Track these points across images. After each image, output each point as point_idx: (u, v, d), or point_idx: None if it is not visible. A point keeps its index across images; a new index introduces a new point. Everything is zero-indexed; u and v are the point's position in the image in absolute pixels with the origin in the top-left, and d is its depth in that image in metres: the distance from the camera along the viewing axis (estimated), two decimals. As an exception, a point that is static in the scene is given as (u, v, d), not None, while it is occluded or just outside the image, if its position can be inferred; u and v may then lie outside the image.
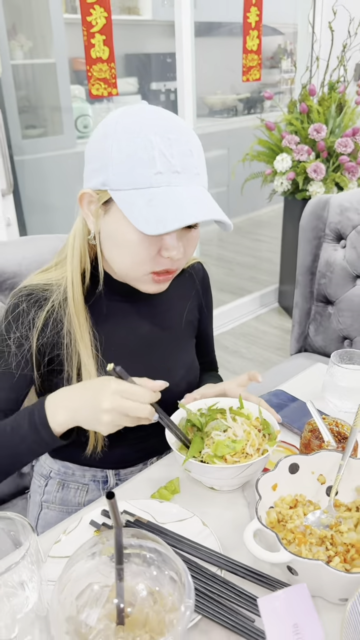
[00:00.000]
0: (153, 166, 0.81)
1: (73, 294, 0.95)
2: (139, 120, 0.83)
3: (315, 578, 0.67)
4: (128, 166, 0.81)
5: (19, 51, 3.21)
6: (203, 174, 0.87)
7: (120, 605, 0.53)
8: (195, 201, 0.82)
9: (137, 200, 0.82)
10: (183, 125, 0.85)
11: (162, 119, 0.84)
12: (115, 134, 0.82)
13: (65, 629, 0.53)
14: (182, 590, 0.55)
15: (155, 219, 0.80)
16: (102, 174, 0.85)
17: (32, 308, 0.95)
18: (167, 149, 0.81)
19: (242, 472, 0.84)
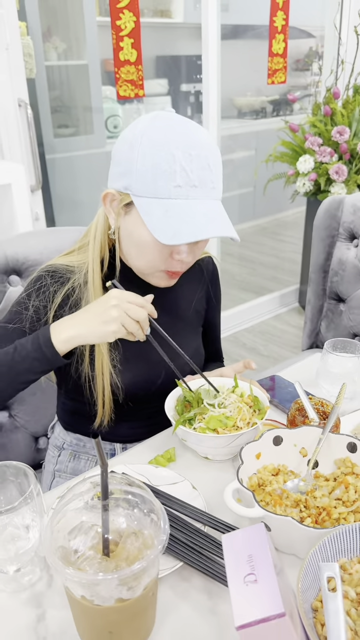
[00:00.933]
0: (173, 179, 0.88)
1: (93, 278, 1.04)
2: (164, 134, 0.89)
3: (287, 534, 0.74)
4: (150, 176, 0.89)
5: (53, 53, 3.32)
6: (218, 187, 0.94)
7: (105, 535, 0.62)
8: (208, 217, 0.90)
9: (156, 210, 0.90)
10: (205, 140, 0.92)
11: (186, 133, 0.90)
12: (142, 145, 0.90)
13: (57, 555, 0.61)
14: (158, 529, 0.63)
15: (171, 230, 0.89)
16: (126, 178, 0.93)
17: (53, 283, 1.05)
18: (188, 164, 0.88)
19: (232, 441, 0.91)
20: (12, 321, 1.04)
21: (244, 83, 4.78)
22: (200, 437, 0.92)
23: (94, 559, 0.62)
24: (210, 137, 0.95)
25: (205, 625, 0.70)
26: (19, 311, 1.05)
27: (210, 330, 1.31)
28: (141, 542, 0.64)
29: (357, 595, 0.66)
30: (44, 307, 1.05)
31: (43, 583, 0.77)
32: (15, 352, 0.94)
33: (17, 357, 0.93)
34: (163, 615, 0.71)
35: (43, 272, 1.06)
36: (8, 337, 1.03)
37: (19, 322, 1.04)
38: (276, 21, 2.95)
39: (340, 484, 0.83)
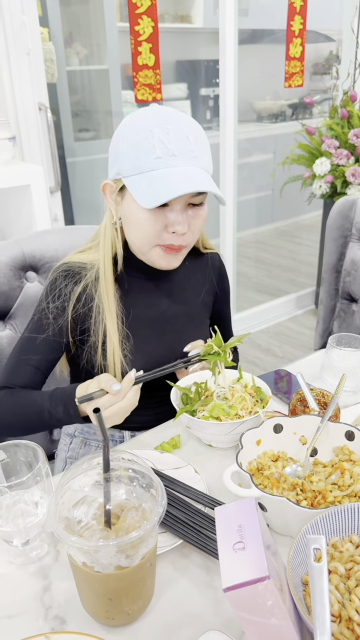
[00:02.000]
0: (153, 152, 0.96)
1: (105, 274, 1.10)
2: (142, 118, 0.98)
3: (282, 514, 0.77)
4: (134, 155, 0.97)
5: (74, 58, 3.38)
6: (202, 157, 1.00)
7: (107, 507, 0.66)
8: (189, 178, 0.96)
9: (141, 182, 0.97)
10: (182, 117, 0.99)
11: (162, 114, 0.98)
12: (125, 132, 0.98)
13: (62, 525, 0.65)
14: (156, 503, 0.67)
15: (154, 195, 0.95)
16: (116, 165, 1.01)
17: (68, 284, 1.11)
18: (165, 136, 0.96)
19: (234, 429, 0.95)
20: (37, 331, 1.11)
21: (263, 87, 4.81)
22: (204, 424, 0.96)
23: (95, 529, 0.66)
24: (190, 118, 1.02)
25: (202, 598, 0.74)
26: (40, 319, 1.11)
27: (220, 323, 1.35)
28: (141, 515, 0.68)
29: (346, 570, 0.69)
30: (62, 309, 1.10)
31: (50, 557, 0.81)
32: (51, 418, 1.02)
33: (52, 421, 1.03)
34: (163, 588, 0.75)
35: (57, 274, 1.12)
36: (36, 349, 1.10)
37: (43, 331, 1.10)
38: (293, 25, 2.98)
39: (337, 469, 0.85)
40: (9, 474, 0.82)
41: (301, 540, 0.69)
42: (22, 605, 0.74)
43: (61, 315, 1.11)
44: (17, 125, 2.15)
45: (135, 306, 1.15)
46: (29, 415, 1.05)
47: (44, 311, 1.11)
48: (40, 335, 1.10)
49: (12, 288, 1.36)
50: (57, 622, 0.72)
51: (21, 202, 1.99)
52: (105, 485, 0.65)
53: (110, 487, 0.65)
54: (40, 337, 1.10)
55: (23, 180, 1.90)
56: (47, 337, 1.11)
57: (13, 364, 1.11)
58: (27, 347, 1.11)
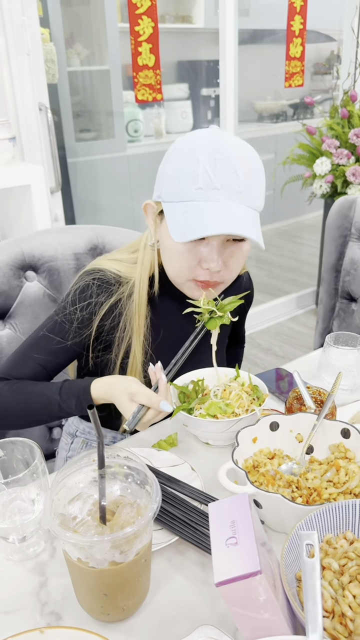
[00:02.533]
0: (195, 182, 0.90)
1: (140, 295, 1.06)
2: (192, 142, 0.93)
3: (277, 511, 0.78)
4: (175, 181, 0.92)
5: (75, 58, 3.39)
6: (250, 193, 0.92)
7: (102, 502, 0.66)
8: (226, 217, 0.89)
9: (177, 212, 0.92)
10: (236, 148, 0.92)
11: (214, 141, 0.91)
12: (172, 155, 0.94)
13: (57, 521, 0.66)
14: (151, 499, 0.67)
15: (185, 229, 0.90)
16: (159, 186, 0.97)
17: (100, 294, 1.06)
18: (211, 167, 0.89)
19: (231, 426, 0.95)
20: (57, 333, 1.07)
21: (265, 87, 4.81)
22: (200, 422, 0.96)
23: (90, 525, 0.67)
24: (247, 147, 0.94)
25: (197, 594, 0.74)
26: (63, 324, 1.06)
27: (238, 325, 1.36)
28: (136, 512, 0.68)
29: (339, 567, 0.69)
30: (88, 319, 1.06)
31: (47, 554, 0.82)
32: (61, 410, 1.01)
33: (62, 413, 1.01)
34: (158, 584, 0.76)
35: (90, 279, 1.07)
36: (50, 350, 1.07)
37: (62, 336, 1.06)
38: (293, 25, 2.99)
39: (332, 467, 0.86)
40: (6, 471, 0.82)
41: (295, 536, 0.70)
42: (19, 601, 0.75)
43: (86, 326, 1.07)
44: (18, 125, 2.16)
45: (164, 329, 1.12)
46: (35, 404, 1.02)
47: (68, 316, 1.06)
48: (58, 338, 1.06)
49: (11, 287, 1.37)
50: (53, 618, 0.72)
51: (21, 202, 2.00)
52: (100, 482, 0.66)
53: (105, 483, 0.66)
54: (57, 340, 1.06)
55: (23, 180, 1.90)
56: (65, 343, 1.07)
57: (19, 357, 1.08)
58: (40, 346, 1.07)
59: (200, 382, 1.06)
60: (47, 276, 1.42)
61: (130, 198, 3.54)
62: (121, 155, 3.57)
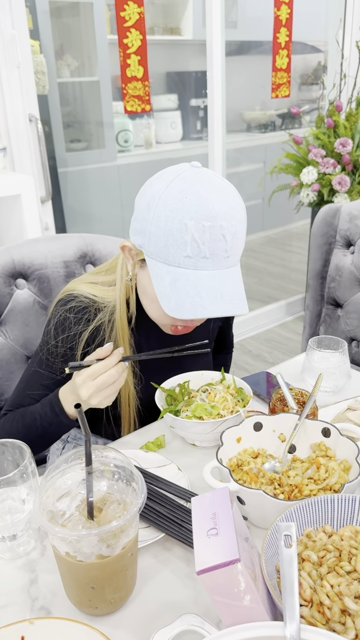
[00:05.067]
0: (184, 250, 0.89)
1: (120, 319, 1.08)
2: (180, 201, 0.88)
3: (260, 507, 0.81)
4: (162, 242, 0.90)
5: (65, 70, 3.44)
6: (235, 254, 0.94)
7: (90, 498, 0.69)
8: (214, 295, 0.90)
9: (165, 277, 0.91)
10: (221, 209, 0.89)
11: (202, 203, 0.88)
12: (157, 209, 0.90)
13: (46, 517, 0.68)
14: (136, 495, 0.70)
15: (174, 303, 0.90)
16: (142, 237, 0.95)
17: (77, 322, 1.08)
18: (200, 235, 0.88)
19: (216, 427, 0.98)
20: (44, 368, 1.10)
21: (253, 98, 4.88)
22: (186, 424, 0.99)
23: (78, 520, 0.69)
24: (232, 200, 0.92)
25: (183, 587, 0.77)
26: (48, 360, 1.09)
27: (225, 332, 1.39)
28: (123, 508, 0.71)
29: (318, 558, 0.72)
30: (70, 349, 1.08)
31: (37, 552, 0.84)
32: (43, 420, 1.05)
33: (44, 423, 1.05)
34: (145, 579, 0.78)
35: (65, 310, 1.08)
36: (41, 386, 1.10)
37: (50, 370, 1.09)
38: (279, 37, 3.05)
39: (313, 464, 0.89)
40: (-3, 472, 0.85)
41: (275, 530, 0.72)
42: (10, 596, 0.77)
43: (71, 357, 1.09)
44: (8, 136, 2.19)
45: (147, 347, 1.15)
46: (28, 427, 1.07)
47: (52, 351, 1.08)
48: (47, 373, 1.10)
49: (2, 295, 1.39)
50: (43, 613, 0.74)
51: (12, 212, 2.03)
52: (88, 478, 0.68)
53: (92, 480, 0.69)
54: (47, 375, 1.10)
55: (13, 190, 1.94)
56: (55, 378, 1.10)
57: (18, 395, 1.13)
58: (33, 383, 1.11)
59: (187, 383, 1.09)
60: (37, 284, 1.45)
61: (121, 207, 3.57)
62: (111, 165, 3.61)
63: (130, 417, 1.15)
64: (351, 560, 0.70)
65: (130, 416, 1.15)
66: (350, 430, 0.94)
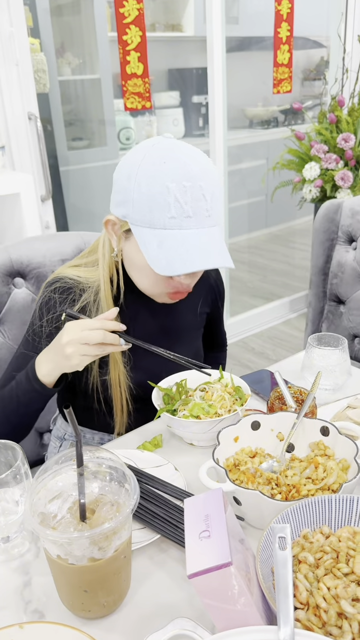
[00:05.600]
0: (168, 211, 0.92)
1: (105, 298, 1.09)
2: (159, 167, 0.93)
3: (257, 508, 0.79)
4: (146, 208, 0.93)
5: (66, 68, 3.42)
6: (215, 214, 0.97)
7: (81, 500, 0.68)
8: (201, 248, 0.93)
9: (152, 240, 0.94)
10: (199, 171, 0.93)
11: (180, 166, 0.92)
12: (137, 177, 0.93)
13: (37, 520, 0.67)
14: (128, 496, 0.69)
15: (165, 262, 0.93)
16: (125, 207, 0.97)
17: (62, 302, 1.09)
18: (182, 195, 0.91)
19: (213, 427, 0.97)
20: (29, 349, 1.11)
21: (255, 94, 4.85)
22: (184, 423, 0.98)
23: (70, 522, 0.68)
24: (207, 164, 0.96)
25: (178, 590, 0.76)
26: (34, 339, 1.10)
27: (214, 325, 1.37)
28: (116, 510, 0.70)
29: (315, 560, 0.70)
30: (56, 329, 1.07)
31: (31, 554, 0.83)
32: (18, 388, 1.04)
33: (19, 392, 1.04)
34: (139, 581, 0.77)
35: (50, 291, 1.09)
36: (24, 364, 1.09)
37: (35, 350, 1.09)
38: (280, 32, 3.02)
39: (311, 464, 0.87)
40: (-10, 473, 0.84)
41: (270, 532, 0.71)
42: (3, 600, 0.76)
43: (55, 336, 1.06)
44: (7, 134, 2.18)
45: (134, 325, 1.14)
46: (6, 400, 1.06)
47: (37, 331, 1.09)
48: (31, 353, 1.10)
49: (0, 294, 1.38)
50: (37, 616, 0.73)
51: (11, 211, 2.02)
52: (79, 480, 0.67)
53: (83, 481, 0.67)
54: (32, 355, 1.09)
55: (13, 188, 1.92)
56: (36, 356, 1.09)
57: (6, 378, 1.12)
58: (18, 363, 1.11)
59: (184, 382, 1.07)
60: (35, 282, 1.44)
61: (123, 205, 3.54)
62: (113, 162, 3.59)
63: (122, 400, 1.13)
64: (349, 562, 0.69)
65: (122, 398, 1.13)
66: (350, 428, 0.92)
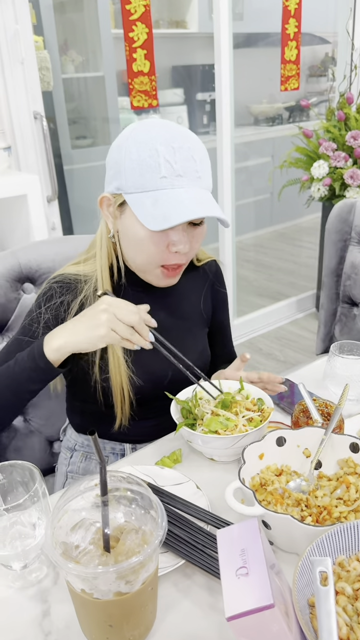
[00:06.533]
0: (158, 172, 0.94)
1: (103, 287, 1.07)
2: (147, 134, 0.95)
3: (287, 532, 0.75)
4: (138, 172, 0.95)
5: (70, 65, 3.38)
6: (206, 177, 0.99)
7: (105, 530, 0.64)
8: (195, 201, 0.95)
9: (145, 201, 0.95)
10: (187, 135, 0.97)
11: (167, 131, 0.96)
12: (127, 146, 0.96)
13: (59, 550, 0.63)
14: (156, 525, 0.65)
15: (161, 217, 0.93)
16: (117, 179, 0.98)
17: (63, 294, 1.08)
18: (171, 155, 0.94)
19: (236, 442, 0.93)
20: (26, 334, 1.08)
21: (260, 91, 4.80)
22: (205, 438, 0.94)
23: (94, 554, 0.64)
24: (194, 135, 0.99)
25: (205, 620, 0.72)
26: (30, 324, 1.08)
27: (219, 332, 1.33)
28: (141, 538, 0.66)
29: (353, 591, 0.66)
30: (54, 318, 1.07)
31: (49, 580, 0.79)
32: (16, 365, 0.99)
33: (17, 368, 0.98)
34: (165, 610, 0.73)
35: (52, 283, 1.09)
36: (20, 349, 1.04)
37: (31, 335, 1.07)
38: (288, 28, 2.97)
39: (342, 484, 0.83)
40: (5, 494, 0.80)
41: (306, 560, 0.67)
42: (20, 631, 0.72)
43: (53, 325, 1.05)
44: (13, 134, 2.14)
45: None
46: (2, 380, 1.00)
47: (35, 318, 1.07)
48: (27, 338, 1.06)
49: (8, 300, 1.34)
50: (57, 649, 0.70)
51: (18, 213, 1.97)
52: (103, 509, 0.63)
53: (108, 511, 0.63)
54: (26, 340, 1.06)
55: (19, 190, 1.88)
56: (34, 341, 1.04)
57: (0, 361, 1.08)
58: (12, 349, 1.07)
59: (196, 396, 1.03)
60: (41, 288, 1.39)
61: (128, 204, 3.50)
62: (117, 161, 3.54)
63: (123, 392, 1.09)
64: (390, 594, 0.65)
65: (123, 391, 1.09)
66: (380, 444, 0.88)
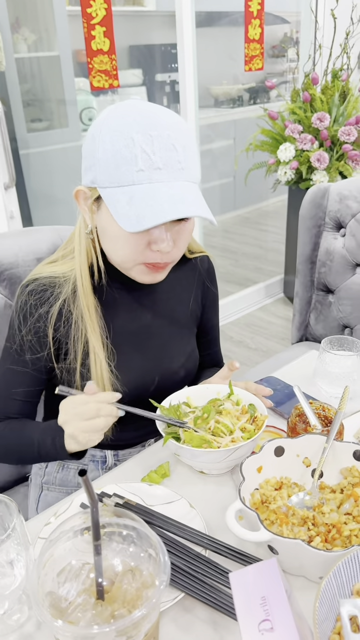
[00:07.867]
0: (135, 164, 0.83)
1: (83, 286, 0.98)
2: (122, 120, 0.84)
3: (296, 557, 0.68)
4: (112, 165, 0.84)
5: (22, 45, 3.21)
6: (190, 168, 0.87)
7: (99, 580, 0.55)
8: (174, 199, 0.83)
9: (120, 198, 0.85)
10: (168, 120, 0.86)
11: (145, 116, 0.85)
12: (101, 135, 0.85)
13: (46, 604, 0.55)
14: (157, 566, 0.57)
15: (135, 217, 0.83)
16: (92, 172, 0.88)
17: (39, 305, 0.99)
18: (149, 145, 0.83)
19: (228, 456, 0.85)
20: (16, 363, 1.02)
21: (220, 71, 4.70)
22: (194, 452, 0.86)
23: (87, 605, 0.56)
24: (176, 116, 0.89)
25: (212, 663, 0.64)
26: (19, 354, 1.01)
27: (208, 333, 1.24)
28: (140, 582, 0.58)
29: (377, 625, 0.60)
30: (37, 341, 1.00)
31: (32, 624, 0.70)
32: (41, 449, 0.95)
33: (42, 453, 0.96)
34: (165, 655, 0.65)
35: (25, 295, 1.00)
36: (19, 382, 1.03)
37: (22, 365, 1.01)
38: (251, 6, 2.87)
39: (350, 497, 0.77)
40: (-22, 530, 0.70)
41: (326, 592, 0.60)
42: None
43: (42, 345, 1.00)
44: (-35, 118, 1.99)
45: (117, 319, 1.04)
46: (23, 447, 0.99)
47: (19, 344, 1.00)
48: (20, 368, 1.02)
49: (-31, 300, 1.23)
50: None
51: (-26, 202, 1.84)
52: (96, 558, 0.54)
53: (101, 560, 0.55)
54: (21, 370, 1.02)
55: (-25, 178, 1.75)
56: (27, 371, 1.02)
57: (2, 397, 1.04)
58: (10, 381, 1.03)
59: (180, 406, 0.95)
60: (8, 285, 1.28)
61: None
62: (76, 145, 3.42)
63: None
64: None
65: None
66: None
